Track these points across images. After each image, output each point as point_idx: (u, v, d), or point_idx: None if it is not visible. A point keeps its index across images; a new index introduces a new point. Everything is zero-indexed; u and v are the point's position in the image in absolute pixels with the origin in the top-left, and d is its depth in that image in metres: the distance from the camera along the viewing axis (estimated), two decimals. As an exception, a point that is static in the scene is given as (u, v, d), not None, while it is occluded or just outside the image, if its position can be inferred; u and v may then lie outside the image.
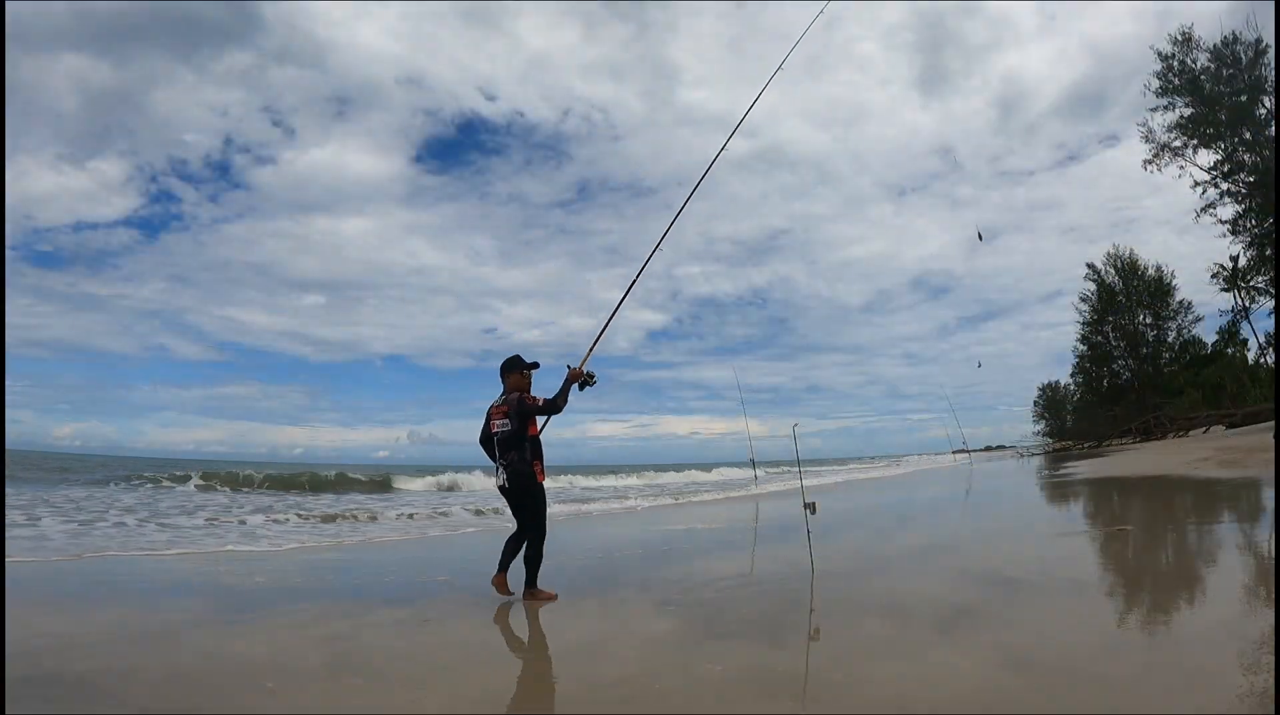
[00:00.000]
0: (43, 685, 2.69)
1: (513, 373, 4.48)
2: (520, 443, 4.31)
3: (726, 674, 2.73)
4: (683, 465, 41.49)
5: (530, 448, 4.33)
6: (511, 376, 4.48)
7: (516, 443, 4.31)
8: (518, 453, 4.31)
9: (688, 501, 15.43)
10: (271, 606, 4.20)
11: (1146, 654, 2.79)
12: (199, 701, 2.56)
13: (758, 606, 4.00)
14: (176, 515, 10.27)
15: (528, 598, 4.30)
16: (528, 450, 4.32)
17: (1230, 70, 23.78)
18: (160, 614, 4.04)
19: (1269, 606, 3.22)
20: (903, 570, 5.16)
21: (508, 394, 4.45)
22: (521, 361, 4.51)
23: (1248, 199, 24.30)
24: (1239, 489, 9.26)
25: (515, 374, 4.48)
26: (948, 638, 3.18)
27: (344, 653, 3.23)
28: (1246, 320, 31.94)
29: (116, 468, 26.76)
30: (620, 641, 3.42)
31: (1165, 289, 38.80)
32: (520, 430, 4.31)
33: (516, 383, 4.46)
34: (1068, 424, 49.42)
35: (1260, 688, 2.20)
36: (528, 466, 4.31)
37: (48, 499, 12.29)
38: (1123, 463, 18.14)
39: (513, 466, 4.31)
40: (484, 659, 3.22)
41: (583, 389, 4.45)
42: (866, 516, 10.25)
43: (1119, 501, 9.88)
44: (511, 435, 4.31)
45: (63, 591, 4.73)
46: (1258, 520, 6.67)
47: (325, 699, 2.58)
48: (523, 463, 4.31)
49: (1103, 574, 4.73)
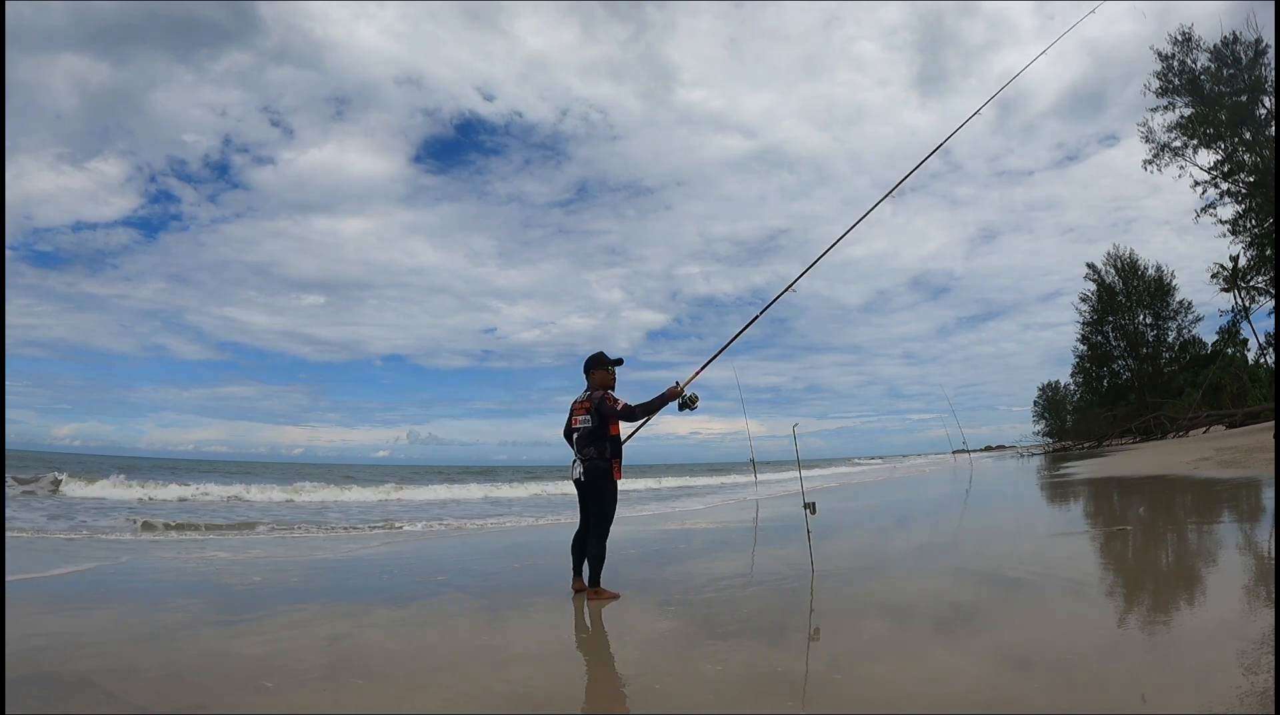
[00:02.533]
0: (42, 685, 2.69)
1: (597, 369, 4.53)
2: (600, 440, 4.39)
3: (726, 674, 2.72)
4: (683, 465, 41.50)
5: (610, 446, 4.42)
6: (596, 373, 4.53)
7: (596, 439, 4.39)
8: (596, 449, 4.39)
9: (687, 501, 15.43)
10: (271, 606, 4.19)
11: (1146, 654, 2.79)
12: (198, 701, 2.55)
13: (758, 606, 4.00)
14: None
15: (592, 597, 4.29)
16: (607, 448, 4.40)
17: (1230, 70, 23.80)
18: (159, 614, 4.03)
19: (1269, 606, 3.22)
20: (903, 570, 5.16)
21: (592, 391, 4.49)
22: (605, 358, 4.55)
23: (1248, 199, 24.31)
24: (1239, 489, 9.25)
25: (600, 371, 4.52)
26: (948, 638, 3.18)
27: (343, 653, 3.22)
28: (1246, 320, 32.03)
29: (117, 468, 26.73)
30: (620, 641, 3.42)
31: (1165, 289, 38.86)
32: (601, 427, 4.39)
33: (601, 379, 4.51)
34: (1068, 424, 49.44)
35: (1260, 688, 2.19)
36: (606, 463, 4.39)
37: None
38: (1122, 463, 18.14)
39: (590, 462, 4.39)
40: (484, 659, 3.22)
41: (682, 410, 4.46)
42: (866, 516, 10.25)
43: (1119, 501, 9.88)
44: (591, 432, 4.40)
45: (62, 591, 4.73)
46: (1258, 520, 6.67)
47: (324, 699, 2.58)
48: (601, 459, 4.38)
49: (1103, 574, 4.73)
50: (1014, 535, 7.04)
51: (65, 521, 9.21)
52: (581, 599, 4.31)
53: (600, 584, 4.35)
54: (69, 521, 9.23)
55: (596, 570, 4.35)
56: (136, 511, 10.52)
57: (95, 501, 12.46)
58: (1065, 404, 53.57)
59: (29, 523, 8.80)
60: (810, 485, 14.46)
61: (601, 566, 4.37)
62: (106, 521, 9.36)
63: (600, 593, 4.32)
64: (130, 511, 10.53)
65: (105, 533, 8.27)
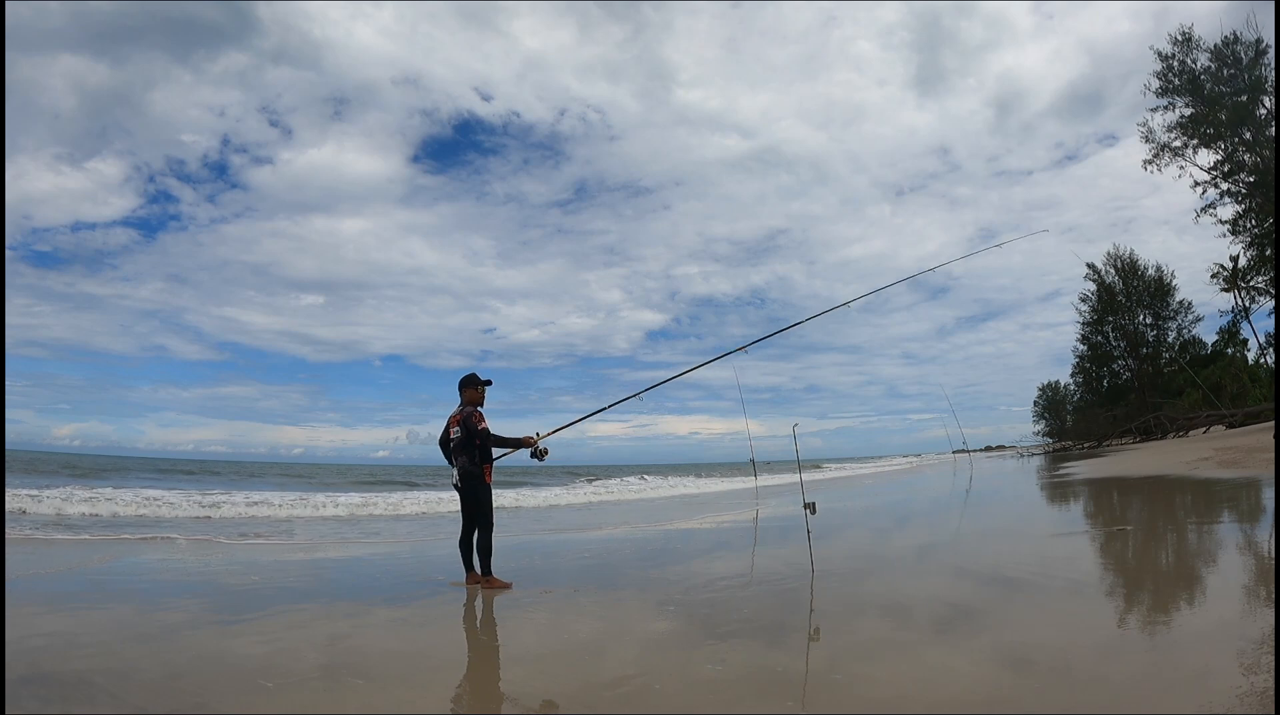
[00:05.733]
0: (42, 685, 2.69)
1: (469, 388, 4.99)
2: (470, 449, 4.81)
3: (726, 674, 2.72)
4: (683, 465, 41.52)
5: (480, 453, 4.83)
6: (468, 391, 4.99)
7: (468, 449, 4.81)
8: (468, 457, 4.81)
9: (687, 501, 15.43)
10: (270, 606, 4.19)
11: (1146, 654, 2.79)
12: (198, 701, 2.55)
13: (757, 606, 4.00)
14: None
15: (484, 586, 4.65)
16: (477, 455, 4.82)
17: (1230, 70, 23.78)
18: (159, 614, 4.03)
19: (1269, 606, 3.21)
20: (902, 570, 5.16)
21: (464, 406, 4.94)
22: (477, 378, 5.03)
23: (1248, 199, 24.31)
24: (1239, 489, 9.25)
25: (471, 389, 4.99)
26: (947, 638, 3.18)
27: (343, 653, 3.22)
28: (1246, 320, 32.00)
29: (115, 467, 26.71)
30: (620, 641, 3.41)
31: (1165, 289, 38.80)
32: (469, 439, 4.81)
33: (472, 397, 4.98)
34: (1068, 424, 49.47)
35: (1260, 688, 2.19)
36: (478, 469, 4.82)
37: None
38: (1122, 463, 18.14)
39: (463, 468, 4.83)
40: (483, 659, 3.22)
41: (533, 457, 5.01)
42: (866, 516, 10.25)
43: (1119, 501, 9.88)
44: (462, 442, 4.83)
45: (62, 591, 4.73)
46: (1258, 520, 6.66)
47: (324, 699, 2.57)
48: (473, 465, 4.82)
49: (1103, 574, 4.72)
50: (1013, 535, 7.04)
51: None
52: (519, 590, 4.55)
53: (491, 573, 4.73)
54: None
55: (486, 560, 4.75)
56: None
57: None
58: (1065, 404, 53.61)
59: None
60: (810, 485, 14.45)
61: (490, 557, 4.76)
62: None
63: (492, 581, 4.69)
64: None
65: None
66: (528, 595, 4.50)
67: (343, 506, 12.57)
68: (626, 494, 19.25)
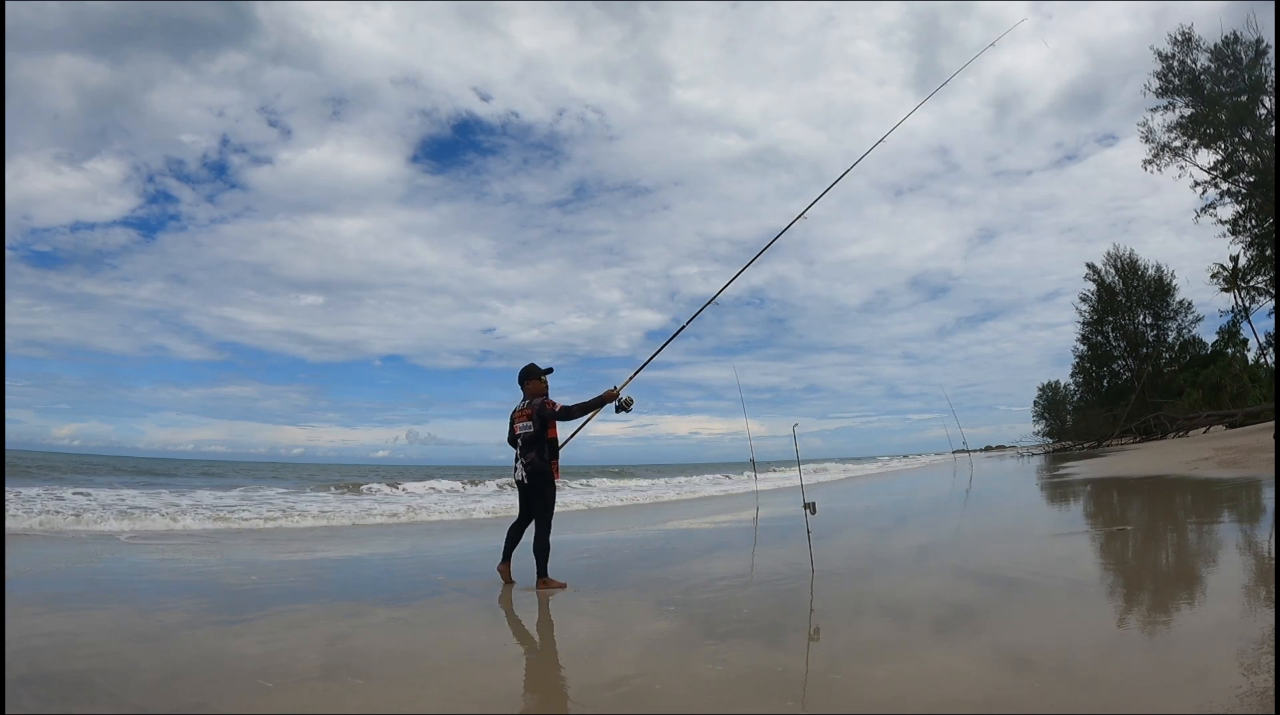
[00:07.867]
0: (42, 685, 2.68)
1: (532, 379, 4.88)
2: (540, 444, 4.71)
3: (726, 674, 2.72)
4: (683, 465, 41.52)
5: (549, 448, 4.74)
6: (531, 383, 4.88)
7: (537, 444, 4.71)
8: (537, 452, 4.71)
9: (687, 501, 15.43)
10: (270, 606, 4.19)
11: (1146, 654, 2.79)
12: (198, 701, 2.55)
13: (757, 606, 4.00)
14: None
15: (540, 587, 4.54)
16: (546, 450, 4.72)
17: (1230, 70, 23.80)
18: (158, 614, 4.03)
19: (1269, 606, 3.22)
20: (902, 570, 5.16)
21: (530, 399, 4.82)
22: (538, 369, 4.89)
23: (1248, 199, 24.32)
24: (1239, 489, 9.25)
25: (534, 381, 4.88)
26: (947, 638, 3.18)
27: (342, 653, 3.22)
28: (1246, 320, 32.01)
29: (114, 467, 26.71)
30: (620, 641, 3.41)
31: (1165, 289, 38.82)
32: (541, 432, 4.72)
33: (536, 388, 4.86)
34: (1068, 424, 49.47)
35: (1260, 688, 2.19)
36: (545, 465, 4.73)
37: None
38: (1122, 463, 18.14)
39: (532, 465, 4.71)
40: (483, 659, 3.22)
41: (618, 412, 4.78)
42: (866, 516, 10.25)
43: (1119, 501, 9.88)
44: (533, 436, 4.72)
45: (61, 591, 4.72)
46: (1258, 520, 6.66)
47: (324, 699, 2.57)
48: (541, 461, 4.72)
49: (1103, 574, 4.72)
50: (1013, 535, 7.04)
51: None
52: (521, 590, 4.55)
53: (548, 574, 4.62)
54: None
55: (544, 561, 4.64)
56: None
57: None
58: (1065, 404, 53.60)
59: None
60: (810, 484, 14.46)
61: (547, 558, 4.65)
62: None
63: (549, 582, 4.58)
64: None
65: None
66: (527, 595, 4.50)
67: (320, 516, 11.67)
68: (626, 494, 19.25)
